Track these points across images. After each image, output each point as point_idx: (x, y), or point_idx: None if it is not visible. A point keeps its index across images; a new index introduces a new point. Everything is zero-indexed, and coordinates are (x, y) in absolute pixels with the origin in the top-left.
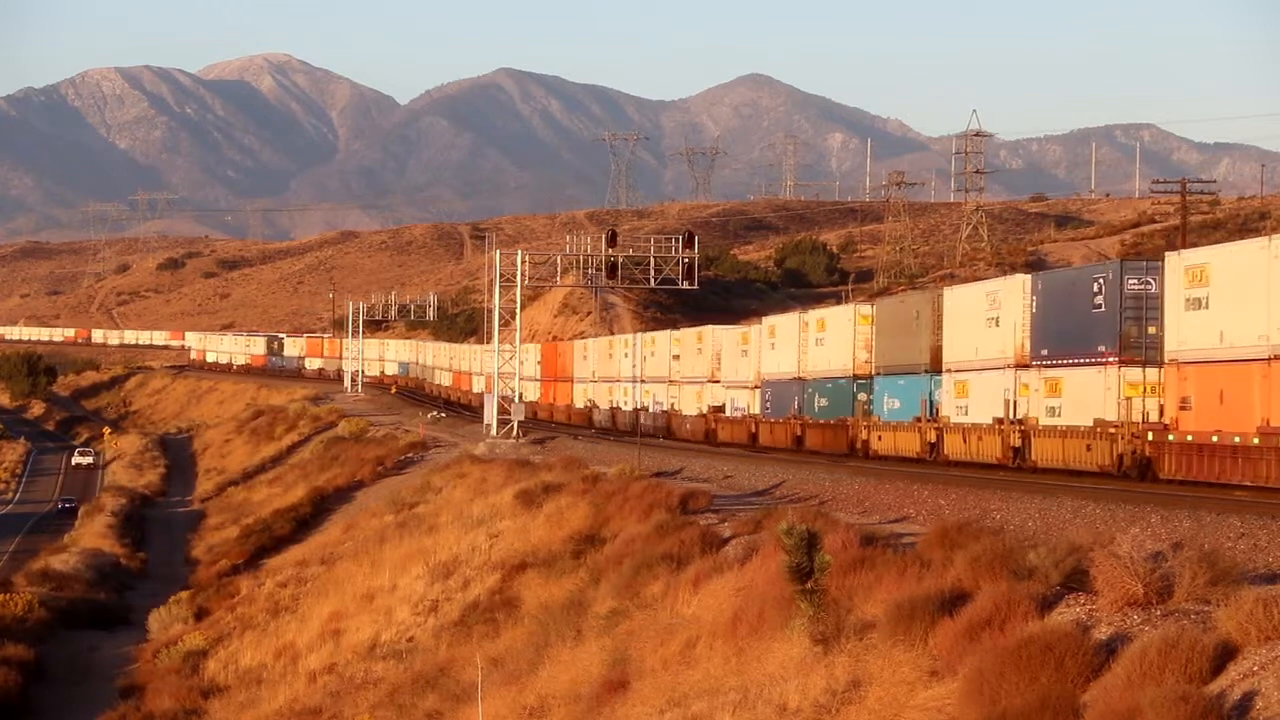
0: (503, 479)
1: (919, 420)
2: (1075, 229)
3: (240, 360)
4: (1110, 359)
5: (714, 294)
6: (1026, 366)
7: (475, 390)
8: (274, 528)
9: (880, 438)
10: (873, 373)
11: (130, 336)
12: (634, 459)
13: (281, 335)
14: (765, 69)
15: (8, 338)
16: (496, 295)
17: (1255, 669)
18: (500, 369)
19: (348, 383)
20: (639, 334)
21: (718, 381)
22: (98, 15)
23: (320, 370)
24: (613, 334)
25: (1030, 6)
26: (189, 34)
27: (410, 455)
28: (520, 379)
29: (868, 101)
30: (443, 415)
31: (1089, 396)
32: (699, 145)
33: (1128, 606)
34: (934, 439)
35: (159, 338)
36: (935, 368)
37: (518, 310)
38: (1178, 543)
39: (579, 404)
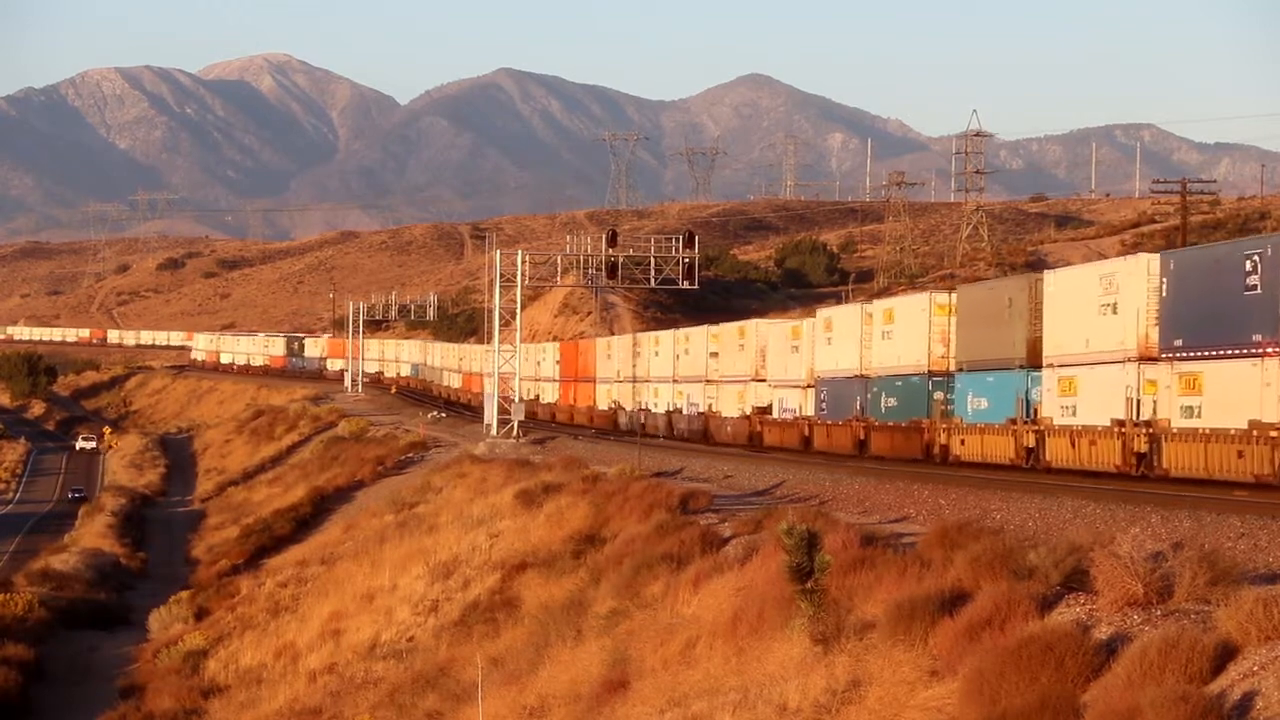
0: (503, 479)
1: (1013, 422)
2: (1075, 229)
3: (258, 361)
4: (1270, 349)
5: (714, 294)
6: (1154, 359)
7: (489, 393)
8: (274, 528)
9: (963, 442)
10: (953, 369)
11: (147, 337)
12: (634, 459)
13: (302, 336)
14: (765, 69)
15: (16, 338)
16: (496, 295)
17: (1255, 669)
18: (504, 369)
19: (348, 382)
20: (671, 331)
21: (763, 380)
22: (98, 15)
23: (342, 372)
24: (613, 334)
25: (1030, 6)
26: (189, 34)
27: (410, 455)
28: (537, 380)
29: (868, 101)
30: (443, 415)
31: (1240, 394)
32: (699, 145)
33: (1128, 606)
34: (1032, 443)
35: (176, 338)
36: (1033, 362)
37: (518, 310)
38: (1178, 543)
39: (602, 406)
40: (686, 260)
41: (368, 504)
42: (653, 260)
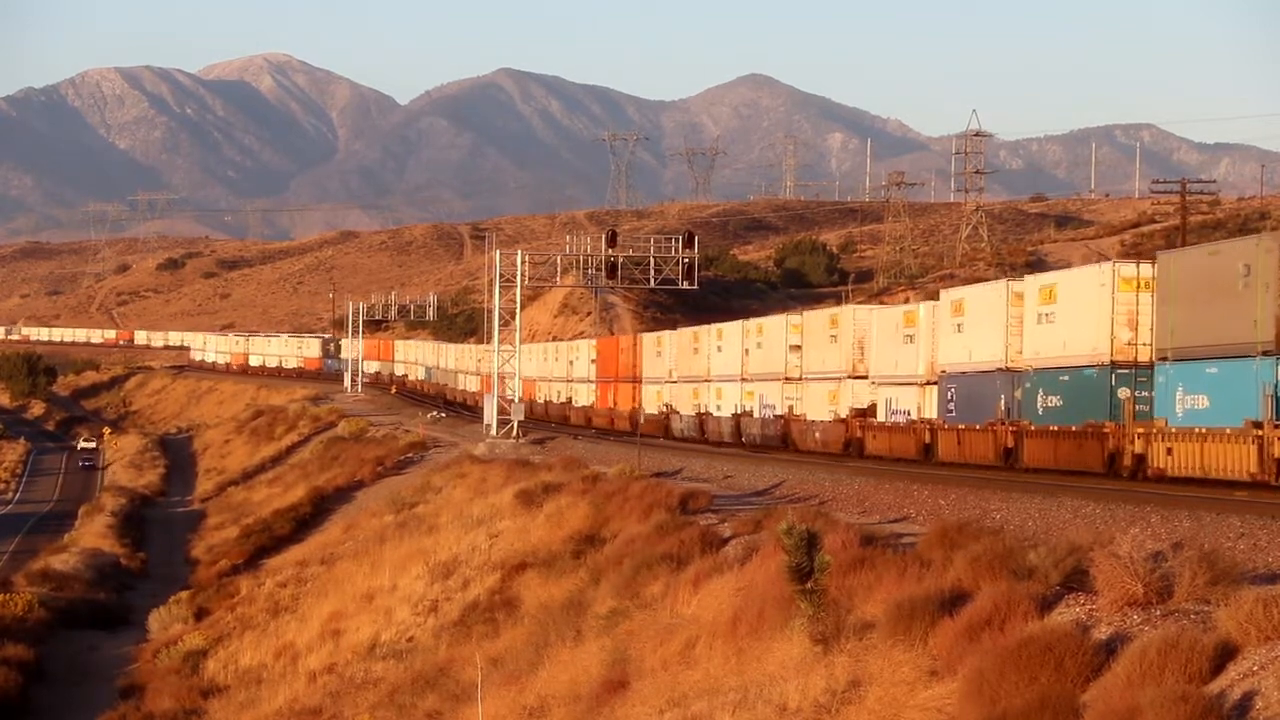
0: (503, 479)
1: (1256, 426)
2: (1075, 229)
3: (291, 364)
4: None
5: (714, 294)
6: None
7: (509, 396)
8: (274, 528)
9: (1170, 451)
10: (1151, 358)
11: (175, 339)
12: (634, 459)
13: (338, 337)
14: (765, 69)
15: (32, 338)
16: (496, 295)
17: (1255, 669)
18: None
19: (348, 382)
20: (741, 322)
21: (862, 377)
22: (98, 15)
23: (377, 374)
24: (613, 334)
25: (1030, 6)
26: (189, 34)
27: (410, 455)
28: (570, 381)
29: (868, 101)
30: (442, 415)
31: None
32: (699, 145)
33: (1128, 606)
34: None
35: (215, 342)
36: None
37: (518, 310)
38: (1178, 543)
39: (650, 409)
40: (686, 260)
41: (367, 504)
42: (652, 260)
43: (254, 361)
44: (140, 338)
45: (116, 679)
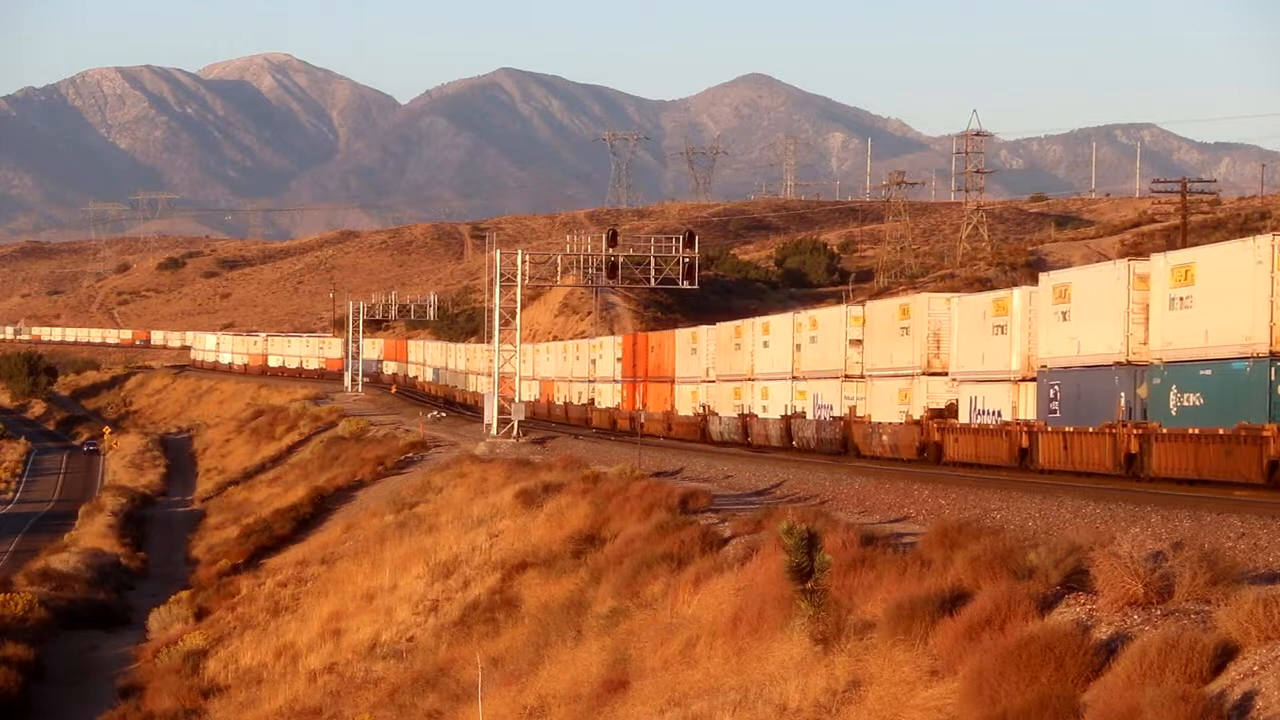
0: (503, 479)
1: None
2: (1075, 229)
3: (313, 365)
4: None
5: (714, 294)
6: None
7: (526, 398)
8: (274, 527)
9: None
10: None
11: (191, 339)
12: (634, 459)
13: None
14: (765, 69)
15: (46, 339)
16: (496, 295)
17: (1255, 669)
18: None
19: (348, 381)
20: (791, 314)
21: (940, 374)
22: (98, 15)
23: (394, 375)
24: (613, 334)
25: (1030, 6)
26: (189, 34)
27: (410, 455)
28: (592, 381)
29: (868, 101)
30: (442, 415)
31: None
32: (699, 145)
33: (1128, 606)
34: None
35: (231, 343)
36: None
37: (518, 310)
38: (1178, 542)
39: (684, 411)
40: (686, 260)
41: (368, 504)
42: (653, 260)
43: (273, 363)
44: (156, 338)
45: (116, 679)
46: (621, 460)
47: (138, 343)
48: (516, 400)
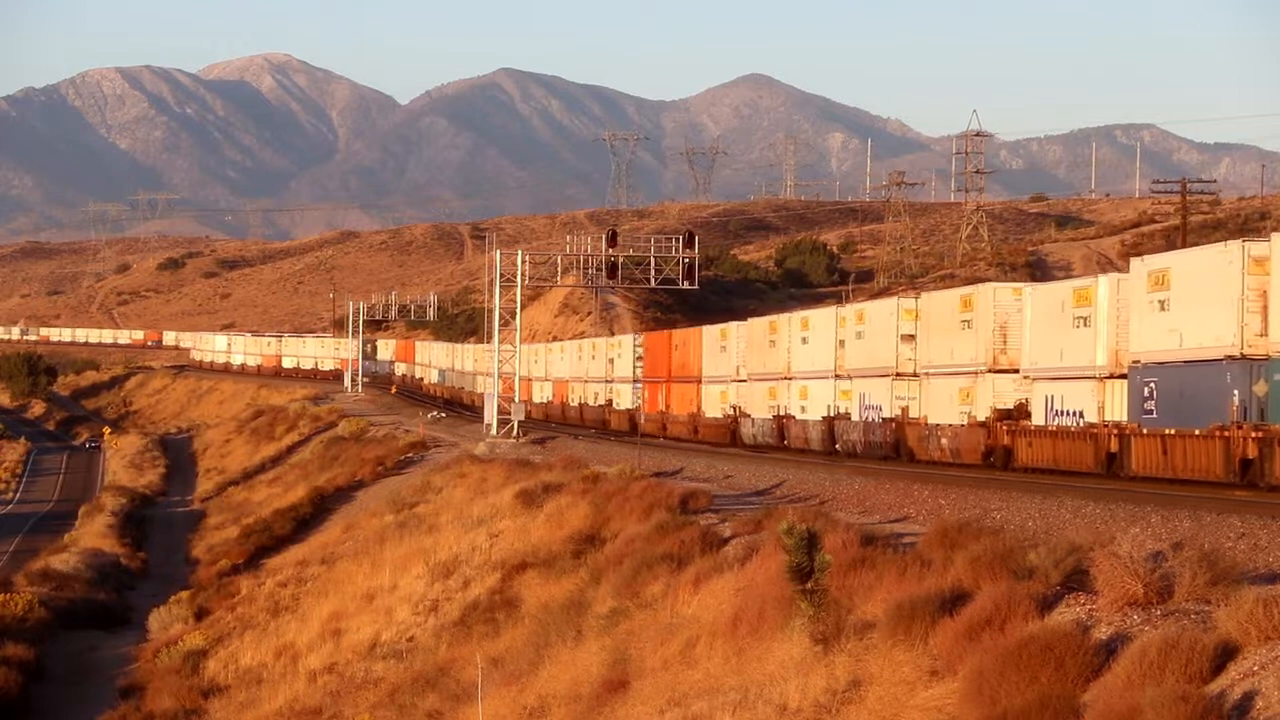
0: (503, 479)
1: None
2: (1075, 229)
3: (328, 365)
4: None
5: (714, 294)
6: None
7: (537, 400)
8: (274, 527)
9: None
10: None
11: (209, 341)
12: (634, 459)
13: (374, 338)
14: (765, 69)
15: (54, 339)
16: (496, 295)
17: (1255, 669)
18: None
19: (348, 382)
20: (834, 308)
21: (1009, 371)
22: (98, 15)
23: (404, 376)
24: (613, 334)
25: (1030, 6)
26: (189, 34)
27: (410, 455)
28: (609, 381)
29: (868, 101)
30: (442, 415)
31: None
32: (699, 145)
33: (1128, 606)
34: None
35: (243, 343)
36: None
37: (518, 310)
38: (1178, 542)
39: (712, 413)
40: (686, 260)
41: (368, 504)
42: (653, 260)
43: (288, 364)
44: (169, 339)
45: (116, 679)
46: (621, 460)
47: (150, 344)
48: (516, 400)
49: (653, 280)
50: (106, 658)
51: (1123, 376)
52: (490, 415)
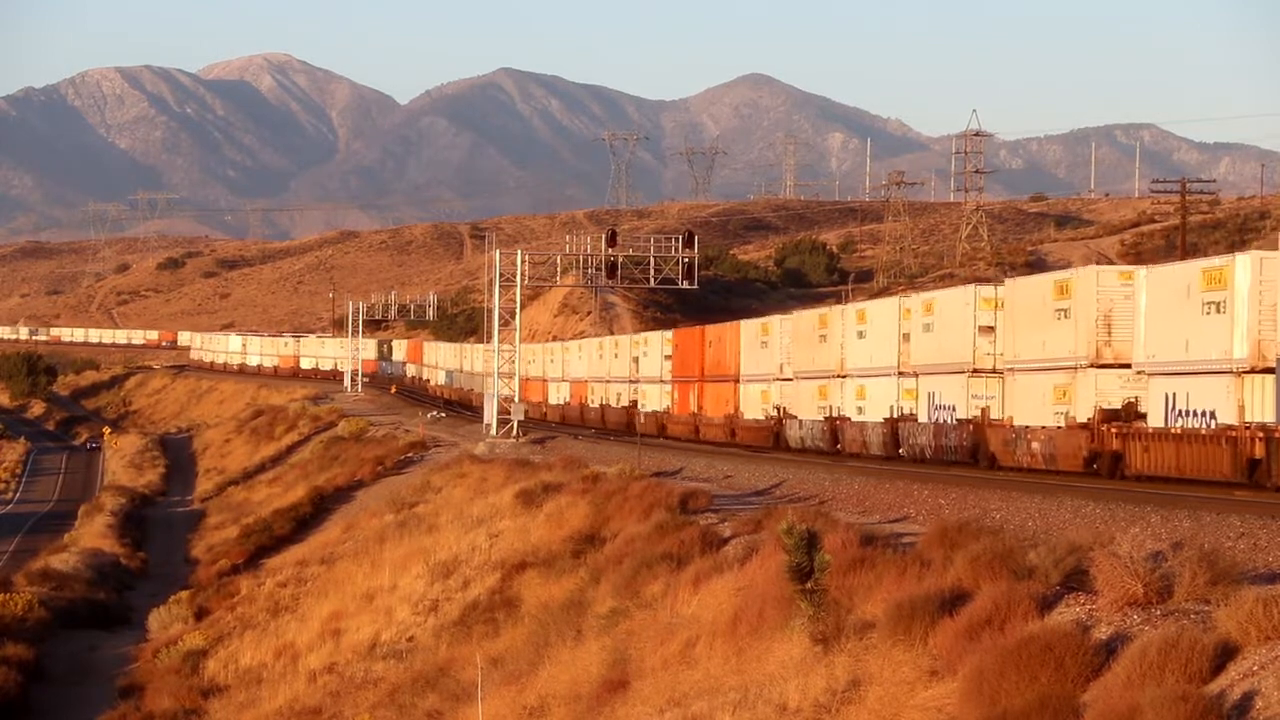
0: (503, 479)
1: None
2: (1075, 229)
3: (346, 366)
4: None
5: (714, 294)
6: None
7: (553, 402)
8: (274, 527)
9: None
10: None
11: (219, 342)
12: (634, 459)
13: (390, 339)
14: (765, 69)
15: (64, 339)
16: (496, 295)
17: (1255, 669)
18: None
19: (348, 381)
20: (897, 298)
21: (1114, 365)
22: (98, 15)
23: (414, 377)
24: (613, 334)
25: (1030, 6)
26: (189, 34)
27: (410, 455)
28: (635, 381)
29: (868, 101)
30: (442, 415)
31: None
32: (699, 145)
33: (1128, 606)
34: None
35: (259, 344)
36: None
37: (518, 310)
38: (1178, 542)
39: (752, 414)
40: (686, 260)
41: (368, 504)
42: (652, 260)
43: (305, 364)
44: (184, 339)
45: (116, 679)
46: (621, 460)
47: (164, 344)
48: (516, 400)
49: (652, 280)
50: (106, 657)
51: (1268, 371)
52: (490, 415)
